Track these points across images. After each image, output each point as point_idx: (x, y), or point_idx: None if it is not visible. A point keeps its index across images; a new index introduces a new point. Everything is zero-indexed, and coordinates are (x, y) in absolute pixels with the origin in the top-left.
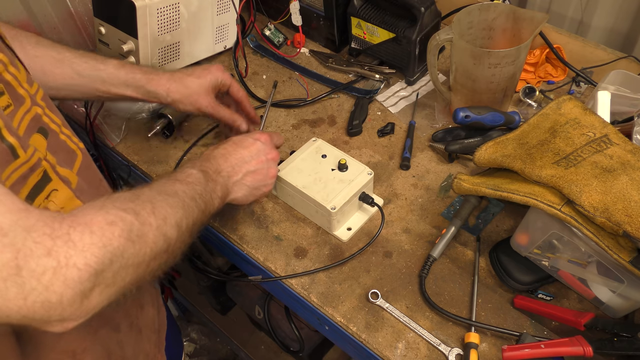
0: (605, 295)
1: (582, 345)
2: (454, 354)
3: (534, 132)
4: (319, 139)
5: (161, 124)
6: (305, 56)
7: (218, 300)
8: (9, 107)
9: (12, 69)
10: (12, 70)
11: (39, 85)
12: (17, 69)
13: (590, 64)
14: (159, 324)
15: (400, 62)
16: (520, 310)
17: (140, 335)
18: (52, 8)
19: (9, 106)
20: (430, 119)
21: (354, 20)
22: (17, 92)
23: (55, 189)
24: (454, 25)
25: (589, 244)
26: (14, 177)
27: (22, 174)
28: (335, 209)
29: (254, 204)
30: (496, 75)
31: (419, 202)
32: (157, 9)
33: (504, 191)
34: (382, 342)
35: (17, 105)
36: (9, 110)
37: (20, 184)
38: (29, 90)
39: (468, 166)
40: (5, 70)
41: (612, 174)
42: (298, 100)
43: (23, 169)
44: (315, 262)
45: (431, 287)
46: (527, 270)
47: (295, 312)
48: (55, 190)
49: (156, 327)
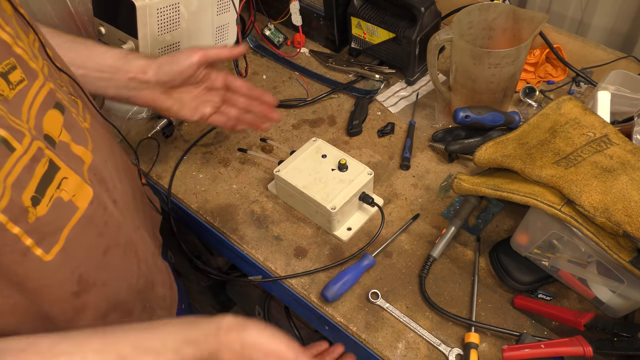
0: (605, 295)
1: (582, 345)
2: (454, 354)
3: (534, 132)
4: (319, 139)
5: (161, 124)
6: (305, 56)
7: (218, 300)
8: (22, 82)
9: (20, 42)
10: (21, 44)
11: (42, 58)
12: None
13: (590, 64)
14: (170, 301)
15: (400, 62)
16: (520, 310)
17: (153, 316)
18: (52, 8)
19: (22, 81)
20: (430, 119)
21: (354, 20)
22: (29, 66)
23: (65, 177)
24: (454, 25)
25: (589, 244)
26: (16, 171)
27: (25, 166)
28: (335, 209)
29: (254, 203)
30: (496, 75)
31: (419, 202)
32: (157, 9)
33: (504, 191)
34: (382, 342)
35: (31, 80)
36: (22, 85)
37: (26, 177)
38: (37, 64)
39: (468, 166)
40: (14, 43)
41: (612, 174)
42: (298, 100)
43: (23, 161)
44: (315, 262)
45: (431, 287)
46: (527, 270)
47: (295, 312)
48: (65, 179)
49: (167, 304)
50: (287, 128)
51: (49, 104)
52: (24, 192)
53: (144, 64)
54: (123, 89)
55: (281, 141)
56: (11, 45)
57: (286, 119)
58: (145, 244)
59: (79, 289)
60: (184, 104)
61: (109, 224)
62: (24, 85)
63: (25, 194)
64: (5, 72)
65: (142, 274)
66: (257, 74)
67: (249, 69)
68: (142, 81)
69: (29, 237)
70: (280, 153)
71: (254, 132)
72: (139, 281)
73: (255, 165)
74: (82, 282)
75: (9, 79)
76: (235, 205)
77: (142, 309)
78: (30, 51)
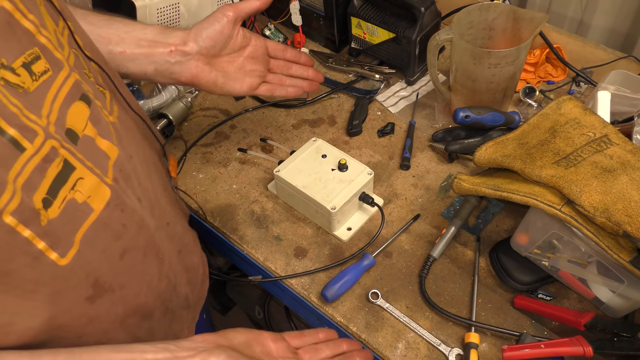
0: (605, 295)
1: (582, 345)
2: (454, 354)
3: (534, 132)
4: (319, 139)
5: (161, 124)
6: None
7: (218, 301)
8: (47, 72)
9: (44, 31)
10: (45, 33)
11: (69, 46)
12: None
13: (590, 64)
14: (196, 299)
15: (400, 62)
16: (520, 310)
17: (173, 317)
18: None
19: (47, 71)
20: (430, 119)
21: (354, 20)
22: (54, 56)
23: (81, 177)
24: (454, 25)
25: (589, 244)
26: (27, 171)
27: (36, 166)
28: (335, 209)
29: (254, 203)
30: (496, 75)
31: (419, 202)
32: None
33: (504, 191)
34: (382, 342)
35: (56, 70)
36: (46, 75)
37: (37, 178)
38: (62, 54)
39: (468, 166)
40: (38, 32)
41: (612, 174)
42: (298, 100)
43: (34, 162)
44: (315, 262)
45: (431, 287)
46: (527, 270)
47: (295, 312)
48: (81, 179)
49: (191, 303)
50: (287, 128)
51: (75, 95)
52: (35, 194)
53: (183, 34)
54: (164, 64)
55: (281, 141)
56: (35, 34)
57: (286, 119)
58: (172, 241)
59: (94, 293)
60: (229, 75)
61: (128, 226)
62: (49, 76)
63: (37, 195)
64: (29, 62)
65: (163, 275)
66: None
67: None
68: (183, 53)
69: (41, 240)
70: (280, 153)
71: (254, 132)
72: (160, 283)
73: (255, 165)
74: (97, 286)
75: (32, 69)
76: (235, 205)
77: (163, 311)
78: (55, 40)
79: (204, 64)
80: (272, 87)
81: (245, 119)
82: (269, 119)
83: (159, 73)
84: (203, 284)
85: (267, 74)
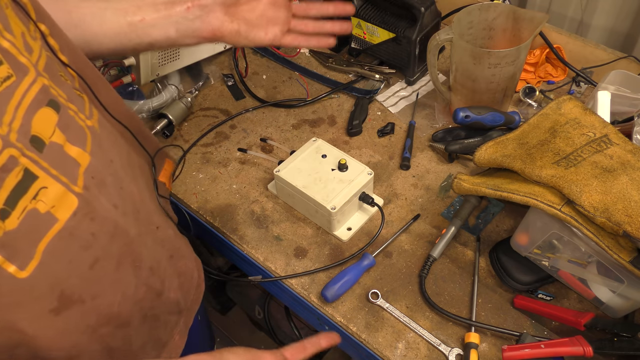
0: (605, 295)
1: (582, 345)
2: (454, 354)
3: (534, 132)
4: (319, 139)
5: (161, 124)
6: (305, 56)
7: (218, 301)
8: (9, 78)
9: (8, 35)
10: (9, 37)
11: (42, 50)
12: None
13: (590, 64)
14: (190, 303)
15: (400, 62)
16: (520, 310)
17: (156, 323)
18: None
19: (10, 77)
20: (430, 119)
21: (354, 20)
22: (18, 61)
23: (44, 187)
24: (454, 25)
25: (589, 244)
26: None
27: None
28: (335, 209)
29: (254, 203)
30: (496, 75)
31: (419, 202)
32: None
33: (504, 191)
34: (382, 342)
35: (20, 75)
36: (9, 82)
37: None
38: (29, 59)
39: (468, 166)
40: (0, 36)
41: (612, 174)
42: (298, 100)
43: None
44: (315, 262)
45: (431, 287)
46: (527, 270)
47: (295, 312)
48: (44, 188)
49: (183, 308)
50: (287, 128)
51: (42, 101)
52: None
53: None
54: (184, 22)
55: (281, 141)
56: None
57: (286, 119)
58: (163, 246)
59: (59, 305)
60: (251, 23)
61: (98, 235)
62: (12, 82)
63: None
64: None
65: (141, 282)
66: (257, 74)
67: (249, 69)
68: (200, 6)
69: None
70: (280, 153)
71: (254, 132)
72: (137, 291)
73: (255, 165)
74: (63, 298)
75: None
76: (235, 205)
77: (141, 319)
78: (22, 44)
79: (223, 15)
80: (296, 37)
81: (245, 119)
82: (269, 119)
83: (182, 33)
84: (198, 289)
85: (290, 20)
